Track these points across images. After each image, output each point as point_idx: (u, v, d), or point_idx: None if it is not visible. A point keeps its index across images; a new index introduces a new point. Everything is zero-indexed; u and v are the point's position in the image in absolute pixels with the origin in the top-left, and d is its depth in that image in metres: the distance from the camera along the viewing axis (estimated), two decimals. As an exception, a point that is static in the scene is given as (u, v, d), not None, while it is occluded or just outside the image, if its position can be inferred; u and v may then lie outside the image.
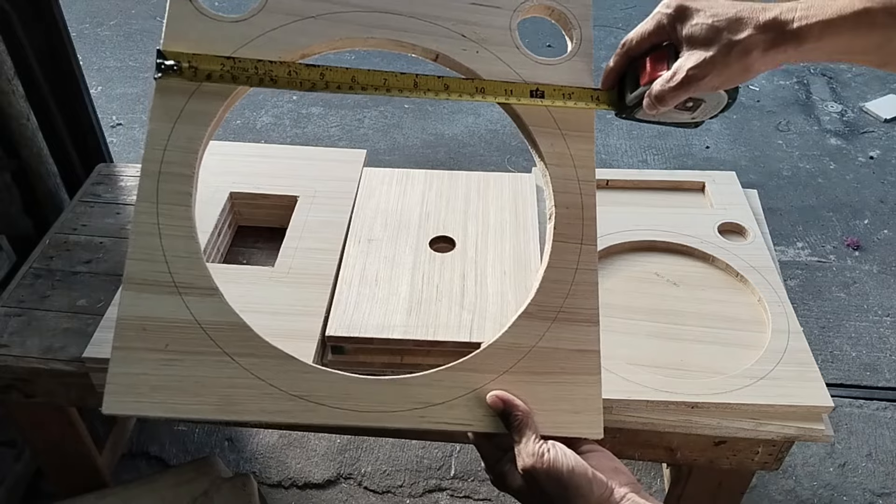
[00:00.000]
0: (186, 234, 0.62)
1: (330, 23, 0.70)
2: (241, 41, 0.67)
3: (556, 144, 0.71)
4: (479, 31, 0.73)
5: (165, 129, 0.65)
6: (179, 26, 0.67)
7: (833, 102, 2.80)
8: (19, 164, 1.38)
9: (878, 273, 2.08)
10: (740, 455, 0.97)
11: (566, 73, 0.74)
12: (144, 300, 0.60)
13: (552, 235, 0.69)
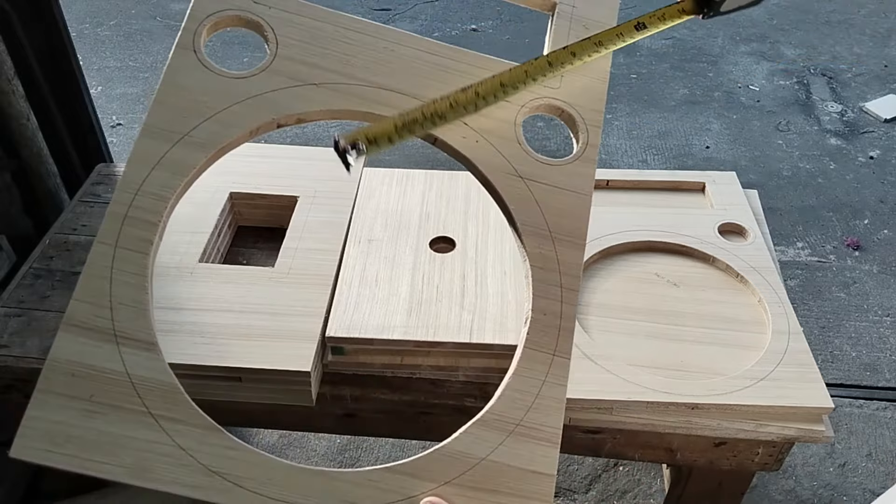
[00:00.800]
0: (139, 283, 0.60)
1: (332, 92, 0.69)
2: (240, 97, 0.67)
3: (544, 247, 0.68)
4: (483, 121, 0.71)
5: (141, 173, 0.64)
6: (179, 77, 0.67)
7: (833, 102, 2.79)
8: (19, 164, 1.38)
9: (878, 273, 2.08)
10: (740, 456, 0.97)
11: (566, 176, 0.71)
12: (79, 345, 0.58)
13: (524, 341, 0.65)
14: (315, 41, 0.71)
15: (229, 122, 0.66)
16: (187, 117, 0.66)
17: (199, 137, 0.65)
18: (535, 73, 0.69)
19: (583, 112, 0.74)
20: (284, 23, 0.71)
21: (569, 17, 0.77)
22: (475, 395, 0.98)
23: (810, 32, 3.23)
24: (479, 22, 3.23)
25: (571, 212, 0.70)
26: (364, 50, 0.71)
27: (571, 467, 1.55)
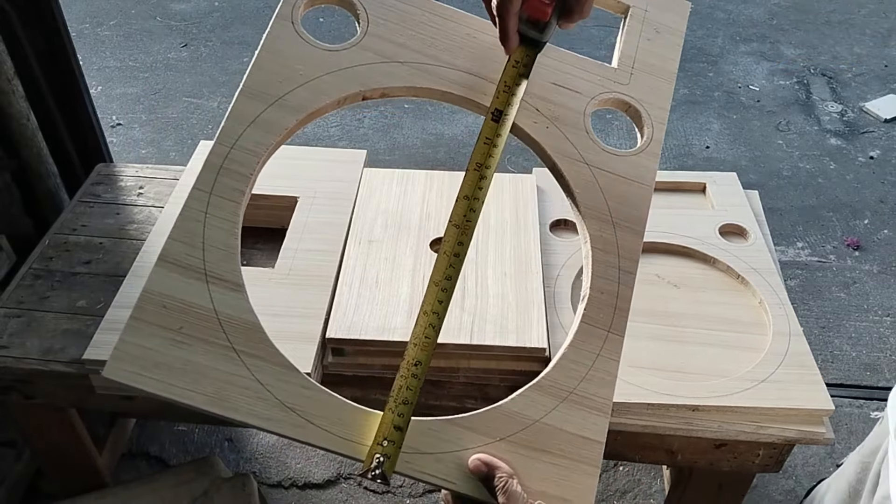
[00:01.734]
0: (229, 229, 0.64)
1: (415, 71, 0.73)
2: (329, 69, 0.71)
3: (605, 230, 0.71)
4: (554, 109, 0.74)
5: (237, 130, 0.67)
6: (277, 44, 0.71)
7: (833, 102, 2.79)
8: (19, 164, 1.38)
9: (878, 273, 2.08)
10: (741, 457, 0.97)
11: (630, 167, 0.74)
12: (172, 280, 0.61)
13: (581, 316, 0.68)
14: (403, 22, 0.74)
15: (320, 89, 0.70)
16: (282, 82, 0.69)
17: (292, 102, 0.69)
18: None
19: (649, 108, 0.77)
20: (376, 3, 0.74)
21: (641, 20, 0.81)
22: (475, 396, 0.98)
23: (810, 32, 3.23)
24: (479, 21, 3.23)
25: (633, 200, 0.73)
26: (448, 34, 0.75)
27: (571, 468, 1.55)
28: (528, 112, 0.73)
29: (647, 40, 0.80)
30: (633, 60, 0.78)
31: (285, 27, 0.72)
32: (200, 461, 1.22)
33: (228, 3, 3.38)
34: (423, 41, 0.74)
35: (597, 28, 3.11)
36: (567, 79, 0.76)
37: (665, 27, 0.81)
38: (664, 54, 0.79)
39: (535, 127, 0.73)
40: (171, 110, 2.70)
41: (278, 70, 0.70)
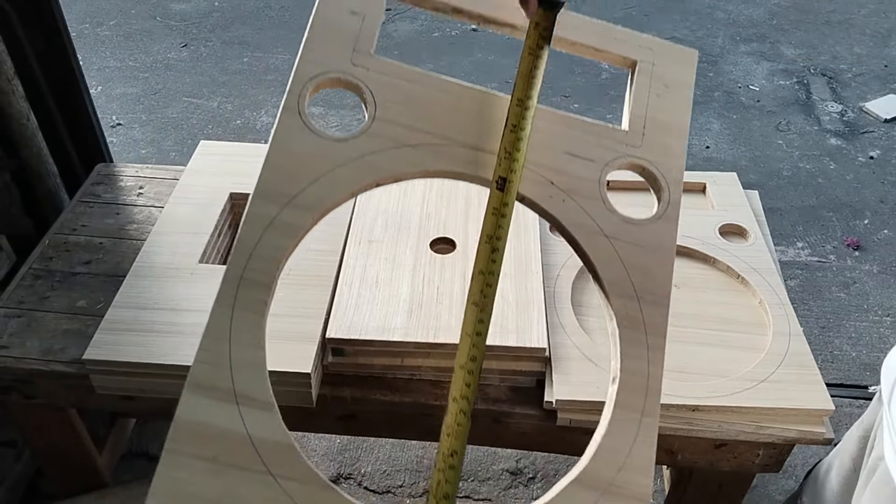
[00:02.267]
0: (256, 343, 0.62)
1: (427, 153, 0.71)
2: (342, 160, 0.69)
3: (630, 307, 0.69)
4: (568, 180, 0.72)
5: (254, 236, 0.66)
6: (286, 140, 0.69)
7: (833, 102, 2.79)
8: (19, 163, 1.38)
9: (878, 273, 2.08)
10: (741, 457, 0.97)
11: (650, 235, 0.72)
12: (203, 406, 0.60)
13: (614, 401, 0.66)
14: (410, 102, 0.72)
15: (333, 184, 0.68)
16: (294, 180, 0.67)
17: (306, 200, 0.67)
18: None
19: (665, 170, 0.75)
20: (382, 85, 0.72)
21: (649, 75, 0.79)
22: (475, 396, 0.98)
23: (810, 32, 3.23)
24: (479, 21, 3.23)
25: (655, 270, 0.71)
26: (455, 110, 0.73)
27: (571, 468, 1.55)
28: (544, 186, 0.72)
29: (656, 96, 0.78)
30: (644, 120, 0.76)
31: (293, 119, 0.70)
32: (200, 461, 1.21)
33: (228, 3, 3.38)
34: (431, 121, 0.72)
35: (597, 28, 3.11)
36: (579, 147, 0.74)
37: (674, 81, 0.79)
38: (675, 110, 0.78)
39: (551, 202, 0.71)
40: (171, 110, 2.70)
41: (289, 167, 0.68)
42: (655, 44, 0.80)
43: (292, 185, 0.67)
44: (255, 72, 2.90)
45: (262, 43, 3.09)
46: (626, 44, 0.79)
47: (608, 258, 0.70)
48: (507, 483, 1.54)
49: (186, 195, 1.21)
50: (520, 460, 1.57)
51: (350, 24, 0.73)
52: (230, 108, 2.71)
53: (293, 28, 3.20)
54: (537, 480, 1.54)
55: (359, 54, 0.73)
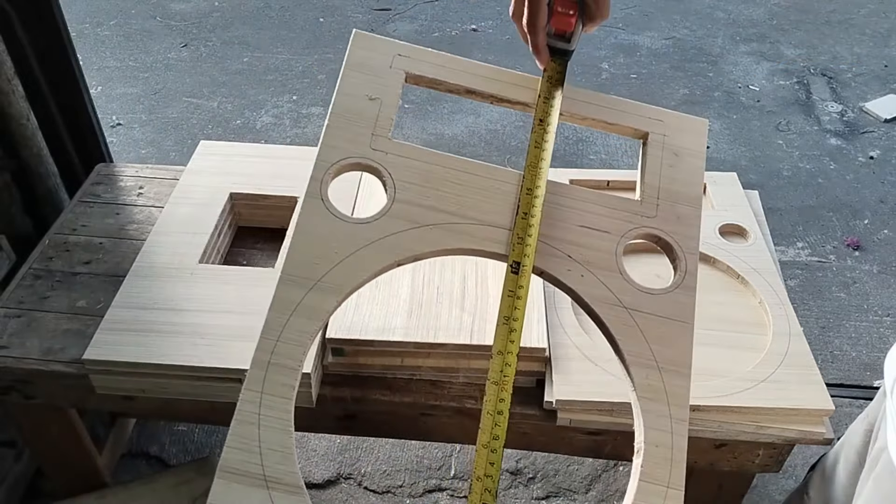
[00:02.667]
0: (283, 427, 0.64)
1: (445, 232, 0.73)
2: (364, 242, 0.71)
3: (651, 377, 0.70)
4: (585, 252, 0.74)
5: (281, 320, 0.68)
6: (310, 225, 0.72)
7: (833, 102, 2.79)
8: (19, 164, 1.38)
9: (878, 273, 2.08)
10: (741, 458, 0.97)
11: (668, 305, 0.73)
12: (234, 491, 0.62)
13: (639, 473, 0.66)
14: (429, 183, 0.75)
15: (356, 266, 0.71)
16: (318, 264, 0.70)
17: (331, 283, 0.69)
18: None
19: (679, 239, 0.77)
20: (400, 167, 0.75)
21: (661, 146, 0.80)
22: (475, 396, 0.98)
23: (810, 32, 3.23)
24: (479, 22, 3.23)
25: (675, 341, 0.72)
26: (474, 190, 0.75)
27: (572, 468, 1.55)
28: (561, 259, 0.73)
29: (668, 167, 0.79)
30: (658, 191, 0.78)
31: (315, 205, 0.72)
32: (200, 461, 1.22)
33: (228, 3, 3.38)
34: (448, 200, 0.74)
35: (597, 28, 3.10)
36: (594, 219, 0.76)
37: (685, 150, 0.81)
38: (687, 179, 0.79)
39: (569, 275, 0.73)
40: (171, 110, 2.70)
41: (313, 251, 0.71)
42: (665, 115, 0.82)
43: (316, 270, 0.70)
44: (255, 72, 2.90)
45: (262, 43, 3.09)
46: (636, 116, 0.82)
47: (627, 329, 0.72)
48: (507, 483, 1.54)
49: (186, 195, 1.21)
50: (520, 460, 1.57)
51: (368, 110, 0.77)
52: (230, 107, 2.71)
53: (293, 28, 3.20)
54: (537, 480, 1.54)
55: (377, 138, 0.76)
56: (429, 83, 0.80)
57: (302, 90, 2.79)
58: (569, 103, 0.80)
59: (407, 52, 0.80)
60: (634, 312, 0.72)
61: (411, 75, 0.80)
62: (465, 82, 0.80)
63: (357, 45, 0.80)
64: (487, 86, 0.80)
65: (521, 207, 0.74)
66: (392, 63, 0.80)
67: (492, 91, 0.80)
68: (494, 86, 0.80)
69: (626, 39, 3.10)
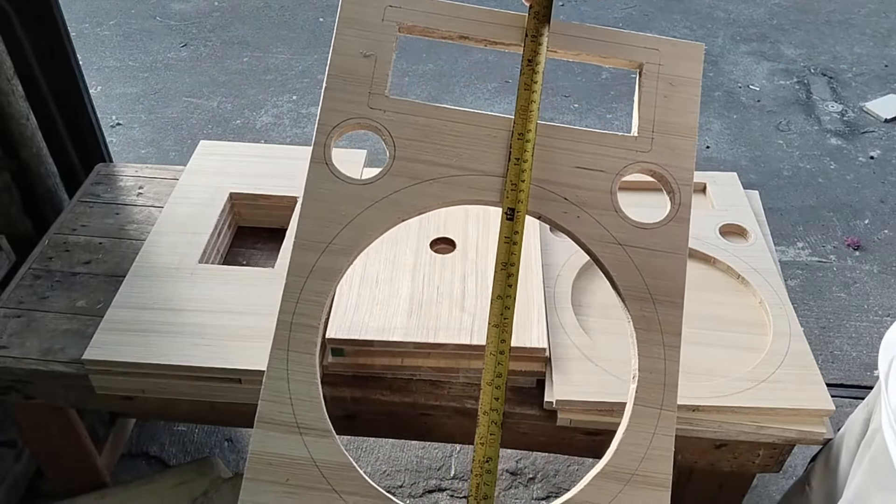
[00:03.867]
0: (310, 379, 0.70)
1: (446, 185, 0.75)
2: (368, 202, 0.74)
3: (646, 309, 0.73)
4: (581, 194, 0.75)
5: (299, 283, 0.72)
6: (316, 190, 0.74)
7: (833, 102, 2.79)
8: (19, 163, 1.38)
9: (878, 273, 2.08)
10: (741, 458, 0.97)
11: (662, 238, 0.75)
12: (271, 438, 0.68)
13: (634, 399, 0.70)
14: (427, 138, 0.76)
15: (364, 226, 0.73)
16: (328, 227, 0.73)
17: (341, 245, 0.73)
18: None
19: (673, 171, 0.77)
20: (399, 125, 0.76)
21: (656, 77, 0.80)
22: (475, 396, 0.98)
23: (811, 32, 3.23)
24: (479, 21, 3.23)
25: (669, 272, 0.74)
26: (471, 140, 0.76)
27: (572, 468, 1.55)
28: (558, 203, 0.75)
29: (663, 97, 0.79)
30: (653, 124, 0.78)
31: (321, 169, 0.75)
32: (200, 461, 1.22)
33: (228, 3, 3.38)
34: (448, 153, 0.76)
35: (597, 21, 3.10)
36: (589, 159, 0.76)
37: (680, 79, 0.81)
38: (683, 109, 0.79)
39: (566, 217, 0.75)
40: (170, 110, 2.70)
41: (322, 215, 0.73)
42: (660, 43, 0.81)
43: (326, 233, 0.73)
44: (254, 72, 2.90)
45: (262, 43, 3.09)
46: (631, 47, 0.80)
47: (622, 265, 0.74)
48: (508, 483, 1.54)
49: (186, 195, 1.21)
50: (520, 460, 1.57)
51: (363, 69, 0.77)
52: (230, 107, 2.71)
53: (293, 28, 3.20)
54: (537, 480, 1.54)
55: (375, 97, 0.76)
56: (422, 32, 0.80)
57: (302, 90, 2.79)
58: (558, 39, 0.78)
59: (398, 2, 0.79)
60: (629, 248, 0.74)
61: (404, 26, 0.78)
62: (457, 28, 0.79)
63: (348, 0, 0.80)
64: (480, 30, 0.79)
65: (513, 153, 0.74)
66: (384, 16, 0.78)
67: (485, 35, 0.79)
68: (487, 29, 0.79)
69: (627, 39, 3.10)
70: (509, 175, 0.74)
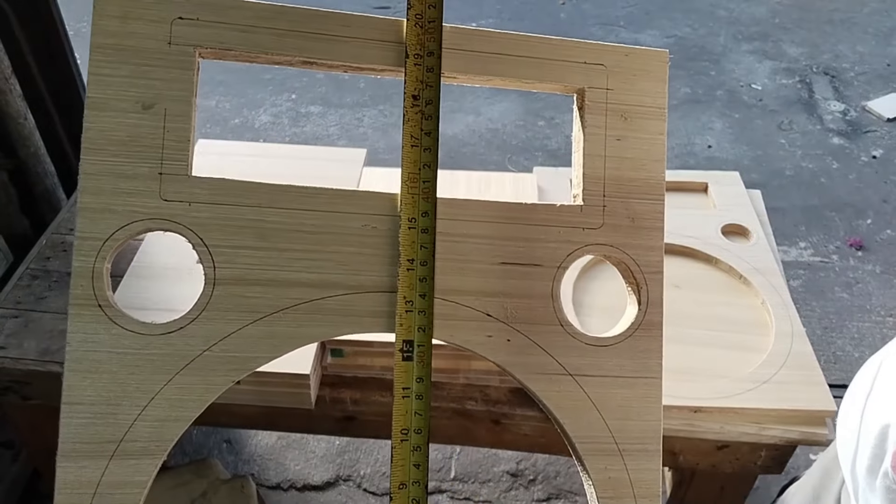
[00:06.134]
0: None
1: (303, 317, 0.51)
2: (180, 363, 0.49)
3: (612, 467, 0.52)
4: (509, 304, 0.52)
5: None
6: (85, 347, 0.48)
7: (836, 102, 2.78)
8: (16, 163, 1.37)
9: (880, 273, 2.07)
10: (743, 459, 0.96)
11: (629, 358, 0.52)
12: None
13: None
14: (265, 240, 0.49)
15: (175, 402, 0.46)
16: (115, 414, 0.46)
17: (139, 439, 0.46)
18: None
19: (636, 255, 0.54)
20: (216, 223, 0.48)
21: (603, 109, 0.55)
22: (476, 397, 0.97)
23: (813, 31, 3.22)
24: (479, 20, 3.22)
25: (640, 408, 0.53)
26: (335, 237, 0.50)
27: (572, 469, 1.54)
28: (477, 322, 0.51)
29: (615, 141, 0.55)
30: (603, 184, 0.54)
31: (92, 317, 0.46)
32: (199, 462, 1.21)
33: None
34: (300, 262, 0.50)
35: (598, 26, 3.10)
36: (517, 249, 0.52)
37: (637, 109, 0.55)
38: (642, 155, 0.55)
39: (491, 343, 0.51)
40: (170, 109, 2.70)
41: (102, 395, 0.46)
42: (606, 53, 0.56)
43: (112, 426, 0.46)
44: (253, 70, 2.89)
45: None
46: (564, 63, 0.55)
47: (576, 406, 0.52)
48: (508, 485, 1.53)
49: (184, 195, 1.20)
50: (520, 462, 1.57)
51: (146, 132, 0.48)
52: (228, 106, 2.70)
53: (293, 27, 3.20)
54: (538, 482, 1.53)
55: (170, 180, 0.48)
56: (237, 56, 0.52)
57: (300, 89, 2.78)
58: (456, 57, 0.53)
59: (194, 11, 0.50)
60: (584, 378, 0.53)
61: (207, 48, 0.50)
62: (297, 49, 0.51)
63: (106, 9, 0.49)
64: (333, 49, 0.52)
65: (404, 252, 0.50)
66: (171, 35, 0.50)
67: (342, 58, 0.52)
68: (344, 48, 0.52)
69: (628, 38, 3.09)
70: (401, 288, 0.50)
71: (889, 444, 0.59)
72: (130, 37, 0.49)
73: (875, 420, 0.62)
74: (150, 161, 0.48)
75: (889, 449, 0.58)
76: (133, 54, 0.49)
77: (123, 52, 0.48)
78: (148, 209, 0.48)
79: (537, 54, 0.54)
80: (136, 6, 0.49)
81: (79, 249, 0.46)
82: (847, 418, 0.70)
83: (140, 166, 0.48)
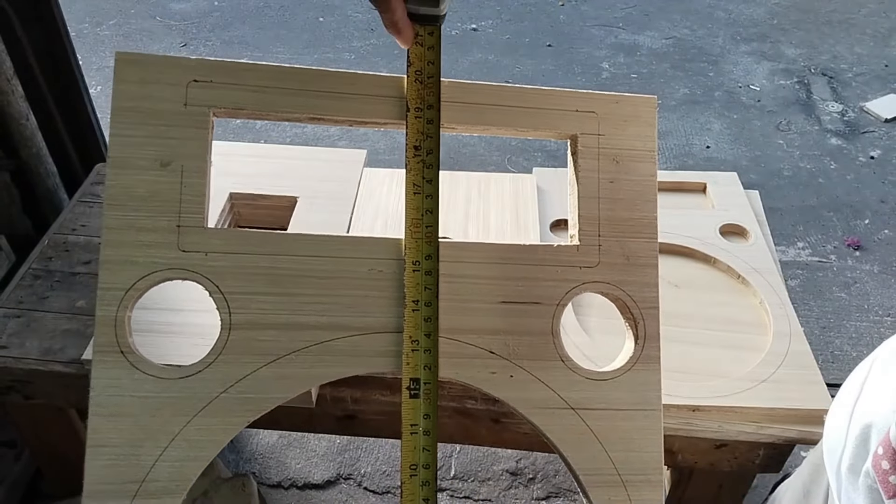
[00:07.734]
0: None
1: (314, 359, 0.55)
2: (199, 405, 0.54)
3: (616, 498, 0.54)
4: (511, 341, 0.55)
5: None
6: (108, 392, 0.52)
7: (834, 102, 2.79)
8: (18, 163, 1.38)
9: (878, 273, 2.08)
10: (741, 458, 0.97)
11: (628, 391, 0.57)
12: None
13: None
14: (277, 287, 0.53)
15: (195, 442, 0.50)
16: (136, 455, 0.49)
17: (162, 479, 0.49)
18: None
19: (632, 291, 0.59)
20: (231, 272, 0.53)
21: (595, 153, 0.59)
22: (476, 397, 0.98)
23: (811, 32, 3.22)
24: (479, 21, 3.23)
25: (641, 440, 0.56)
26: (344, 281, 0.55)
27: (572, 468, 1.55)
28: (481, 360, 0.54)
29: (608, 183, 0.59)
30: (598, 223, 0.58)
31: (115, 364, 0.52)
32: (200, 461, 1.21)
33: (228, 2, 3.38)
34: (310, 306, 0.54)
35: (598, 28, 3.11)
36: (518, 288, 0.55)
37: (628, 153, 0.59)
38: (635, 196, 0.60)
39: (495, 379, 0.54)
40: (171, 110, 2.70)
41: (125, 437, 0.51)
42: (597, 101, 0.59)
43: (135, 467, 0.48)
44: (255, 71, 2.90)
45: (261, 43, 3.09)
46: (558, 112, 0.58)
47: (579, 439, 0.55)
48: (508, 483, 1.53)
49: (186, 195, 1.21)
50: (520, 461, 1.57)
51: (164, 188, 0.52)
52: (230, 107, 2.71)
53: (293, 28, 3.20)
54: (538, 481, 1.54)
55: (188, 231, 0.52)
56: (250, 114, 0.56)
57: (302, 90, 2.78)
58: (456, 110, 0.56)
59: (207, 74, 0.54)
60: (585, 412, 0.55)
61: (221, 109, 0.54)
62: (304, 107, 0.55)
63: (126, 75, 0.52)
64: (339, 106, 0.56)
65: (409, 293, 0.52)
66: (187, 97, 0.53)
67: (348, 114, 0.56)
68: (349, 104, 0.56)
69: (627, 39, 3.10)
70: (407, 328, 0.52)
71: (871, 443, 0.59)
72: (148, 99, 0.52)
73: (859, 420, 0.63)
74: (169, 214, 0.51)
75: (871, 449, 0.59)
76: (151, 116, 0.52)
77: (142, 114, 0.52)
78: (167, 260, 0.51)
79: (531, 104, 0.58)
80: (153, 71, 0.53)
81: (101, 299, 0.49)
82: (835, 418, 0.70)
83: (159, 220, 0.51)
